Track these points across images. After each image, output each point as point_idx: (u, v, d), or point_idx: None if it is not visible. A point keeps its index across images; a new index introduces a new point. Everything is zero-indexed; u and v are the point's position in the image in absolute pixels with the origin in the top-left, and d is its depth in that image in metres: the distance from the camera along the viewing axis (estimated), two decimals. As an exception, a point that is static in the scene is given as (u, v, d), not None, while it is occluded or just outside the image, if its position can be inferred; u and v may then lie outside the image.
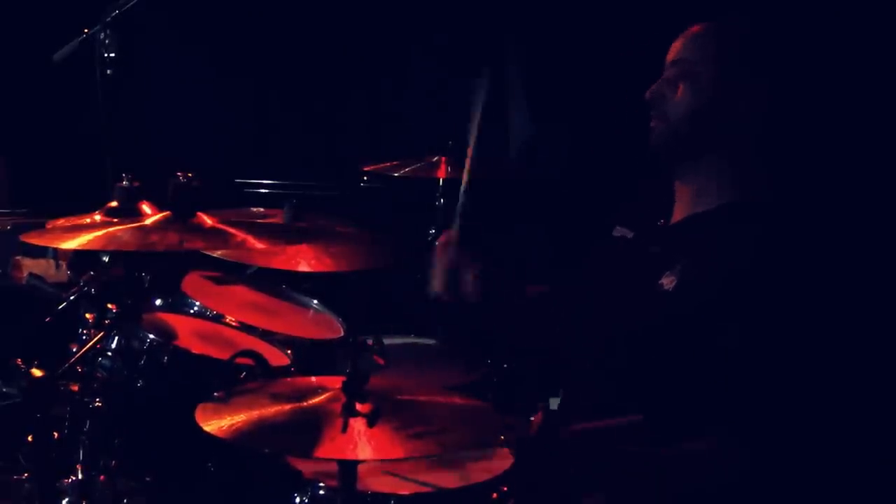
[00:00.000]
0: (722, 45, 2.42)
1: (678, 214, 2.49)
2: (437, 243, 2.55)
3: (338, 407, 2.05)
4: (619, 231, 2.62)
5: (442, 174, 3.75)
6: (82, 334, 2.57)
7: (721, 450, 2.19)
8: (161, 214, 2.32)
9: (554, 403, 3.03)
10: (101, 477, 2.55)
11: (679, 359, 2.26)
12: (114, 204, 2.46)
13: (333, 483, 2.16)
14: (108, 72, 3.15)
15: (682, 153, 2.46)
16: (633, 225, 2.60)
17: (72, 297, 2.49)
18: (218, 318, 3.04)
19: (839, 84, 3.24)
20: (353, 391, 2.07)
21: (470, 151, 2.50)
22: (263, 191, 4.76)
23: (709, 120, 2.40)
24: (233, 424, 2.03)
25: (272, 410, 2.09)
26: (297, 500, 2.39)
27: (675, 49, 2.47)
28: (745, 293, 2.22)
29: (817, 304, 2.27)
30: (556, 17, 4.40)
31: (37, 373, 2.20)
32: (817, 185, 3.09)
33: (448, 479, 2.43)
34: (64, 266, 4.04)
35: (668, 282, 2.35)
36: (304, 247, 2.78)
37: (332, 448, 1.96)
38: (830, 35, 3.24)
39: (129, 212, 2.40)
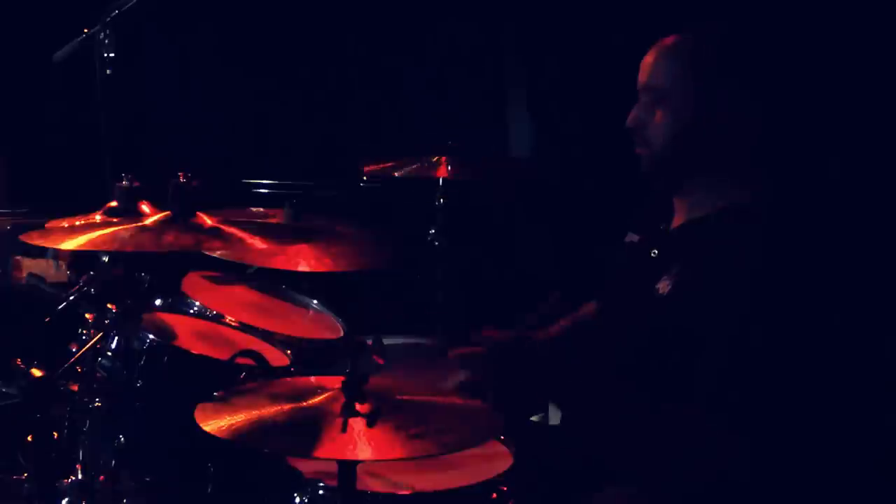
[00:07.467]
0: (695, 63, 2.37)
1: (676, 221, 2.50)
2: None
3: (337, 407, 2.06)
4: (629, 237, 2.63)
5: (442, 174, 3.75)
6: (82, 334, 2.57)
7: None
8: (161, 214, 2.32)
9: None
10: (101, 477, 2.54)
11: (678, 361, 2.26)
12: (114, 204, 2.46)
13: (333, 483, 2.16)
14: (108, 72, 3.15)
15: (673, 174, 2.45)
16: (641, 229, 2.62)
17: (71, 297, 2.49)
18: (218, 318, 3.04)
19: (821, 83, 3.22)
20: (353, 391, 2.07)
21: None
22: (264, 191, 4.75)
23: (693, 139, 2.38)
24: (233, 424, 2.03)
25: (272, 410, 2.09)
26: (297, 500, 2.39)
27: (647, 70, 2.42)
28: (741, 294, 2.22)
29: (810, 303, 2.27)
30: (558, 15, 4.40)
31: (37, 373, 2.20)
32: (810, 187, 3.08)
33: (448, 480, 2.43)
34: (64, 266, 4.04)
35: (663, 286, 2.35)
36: (304, 247, 2.78)
37: (331, 448, 1.96)
38: (801, 35, 3.22)
39: (129, 212, 2.41)
